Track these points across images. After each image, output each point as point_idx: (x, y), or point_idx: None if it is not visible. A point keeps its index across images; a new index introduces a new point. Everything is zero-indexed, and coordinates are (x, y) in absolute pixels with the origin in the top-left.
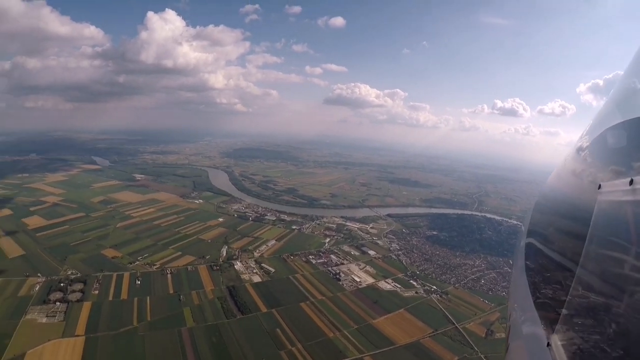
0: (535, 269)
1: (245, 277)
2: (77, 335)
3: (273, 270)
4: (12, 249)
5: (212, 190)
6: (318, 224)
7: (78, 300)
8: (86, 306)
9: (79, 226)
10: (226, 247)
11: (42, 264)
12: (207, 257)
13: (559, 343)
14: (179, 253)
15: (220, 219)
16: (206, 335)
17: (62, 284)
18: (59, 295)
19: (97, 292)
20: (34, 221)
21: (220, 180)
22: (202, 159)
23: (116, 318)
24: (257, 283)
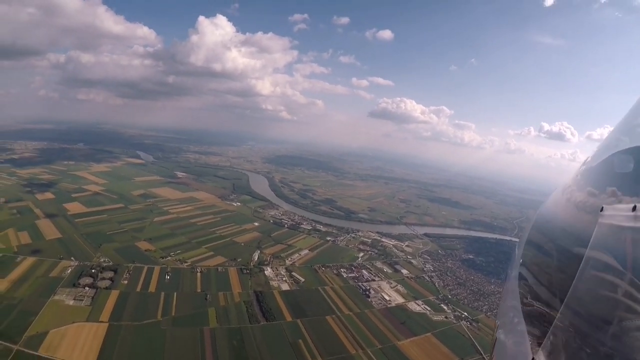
0: (528, 284)
1: (274, 283)
2: (101, 321)
3: (303, 279)
4: (51, 231)
5: (250, 194)
6: (353, 237)
7: (107, 288)
8: (114, 294)
9: (116, 216)
10: (258, 251)
11: (77, 249)
12: (239, 260)
13: (544, 359)
14: (211, 253)
15: (256, 224)
16: (227, 338)
17: (93, 270)
18: (88, 280)
19: (126, 282)
20: (74, 207)
21: (260, 185)
22: (244, 163)
23: (141, 309)
24: (285, 291)
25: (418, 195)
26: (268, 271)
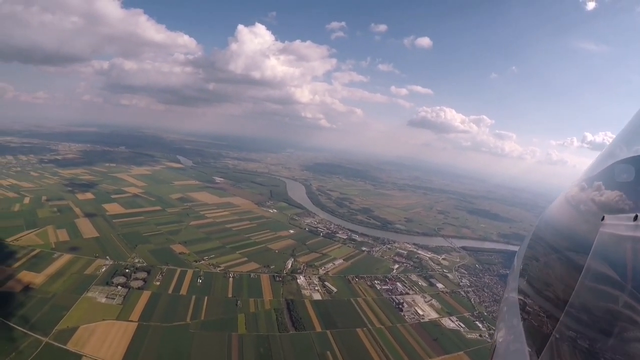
0: (528, 292)
1: (306, 292)
2: (131, 321)
3: (335, 290)
4: (89, 230)
5: (287, 201)
6: (389, 248)
7: (139, 288)
8: (145, 295)
9: (153, 219)
10: (292, 259)
11: (113, 248)
12: (272, 267)
13: None
14: (245, 259)
15: (291, 231)
16: (255, 345)
17: (127, 270)
18: (122, 279)
19: (158, 283)
20: (113, 208)
21: (297, 193)
22: (281, 170)
23: (171, 311)
24: (316, 300)
25: (456, 206)
26: (301, 280)
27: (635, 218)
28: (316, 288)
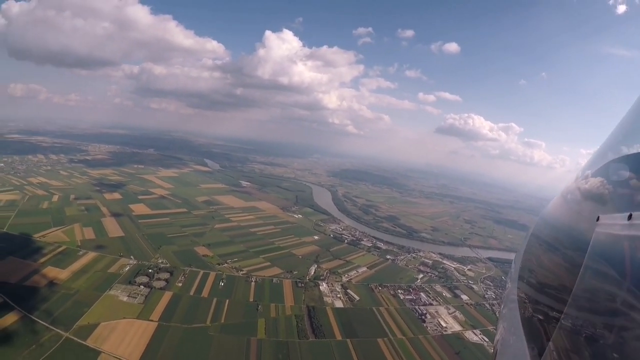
0: (527, 296)
1: (328, 300)
2: (151, 320)
3: (358, 298)
4: (114, 229)
5: (313, 207)
6: (414, 257)
7: (161, 288)
8: (167, 295)
9: (179, 220)
10: (316, 265)
11: (137, 248)
12: (295, 273)
13: None
14: (268, 263)
15: (316, 237)
16: (274, 350)
17: (150, 270)
18: (144, 279)
19: (180, 284)
20: (139, 208)
21: (323, 199)
22: (308, 175)
23: (192, 313)
24: (338, 308)
25: (484, 216)
26: (323, 286)
27: (630, 217)
28: (338, 295)
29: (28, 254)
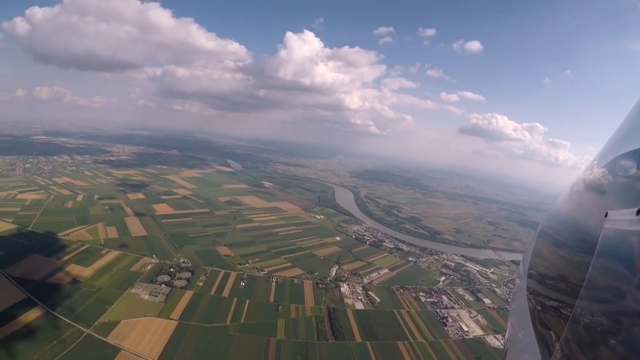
0: (537, 293)
1: (349, 301)
2: (171, 319)
3: (379, 300)
4: (137, 228)
5: (335, 208)
6: (436, 260)
7: (182, 287)
8: (188, 294)
9: (201, 220)
10: (337, 267)
11: (159, 248)
12: (316, 274)
13: None
14: (289, 264)
15: (337, 238)
16: (293, 351)
17: (171, 269)
18: (166, 278)
19: (201, 284)
20: (162, 208)
21: (345, 199)
22: (330, 176)
23: (212, 312)
24: (358, 310)
25: (507, 217)
26: (344, 288)
27: (638, 212)
28: (359, 297)
29: (52, 252)
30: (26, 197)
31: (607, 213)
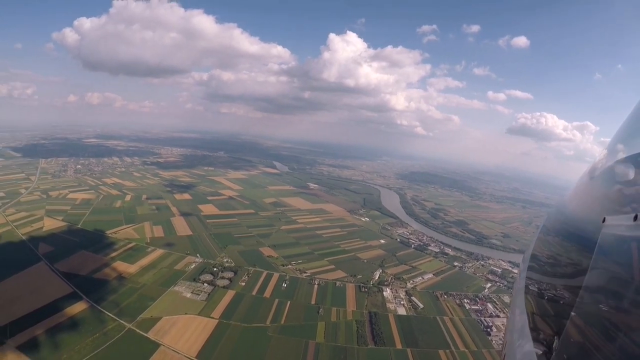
0: (535, 294)
1: (391, 306)
2: (212, 317)
3: (421, 305)
4: (183, 228)
5: (380, 210)
6: (482, 265)
7: (224, 287)
8: (229, 294)
9: (246, 221)
10: (380, 270)
11: (204, 247)
12: (359, 277)
13: None
14: (332, 266)
15: (382, 241)
16: (331, 355)
17: (214, 269)
18: (208, 277)
19: (243, 284)
20: (208, 209)
21: (391, 202)
22: (376, 178)
23: (252, 312)
24: (400, 316)
25: None
26: (387, 292)
27: (635, 218)
28: (402, 302)
29: (99, 249)
30: (77, 196)
31: (604, 218)
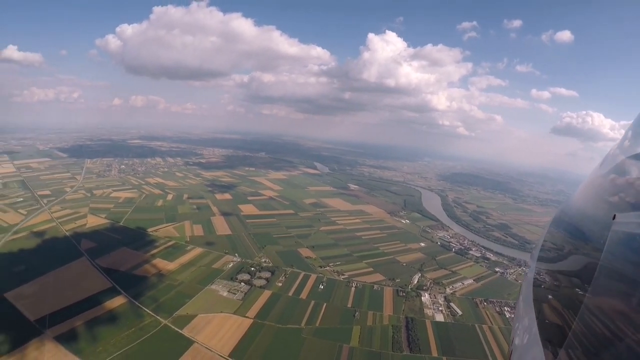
0: (543, 295)
1: (429, 312)
2: (247, 317)
3: (460, 312)
4: (223, 227)
5: (421, 212)
6: (525, 272)
7: (261, 287)
8: (266, 294)
9: (285, 221)
10: (419, 274)
11: (242, 247)
12: (397, 281)
13: None
14: (370, 269)
15: (422, 244)
16: None
17: (252, 268)
18: (246, 277)
19: (280, 284)
20: (248, 209)
21: (432, 203)
22: (417, 179)
23: (288, 313)
24: (438, 322)
25: None
26: (425, 297)
27: None
28: (440, 308)
29: (140, 246)
30: (120, 195)
31: (615, 215)
